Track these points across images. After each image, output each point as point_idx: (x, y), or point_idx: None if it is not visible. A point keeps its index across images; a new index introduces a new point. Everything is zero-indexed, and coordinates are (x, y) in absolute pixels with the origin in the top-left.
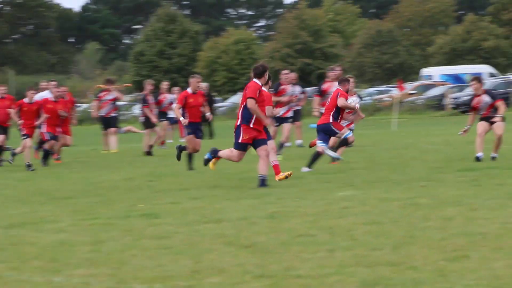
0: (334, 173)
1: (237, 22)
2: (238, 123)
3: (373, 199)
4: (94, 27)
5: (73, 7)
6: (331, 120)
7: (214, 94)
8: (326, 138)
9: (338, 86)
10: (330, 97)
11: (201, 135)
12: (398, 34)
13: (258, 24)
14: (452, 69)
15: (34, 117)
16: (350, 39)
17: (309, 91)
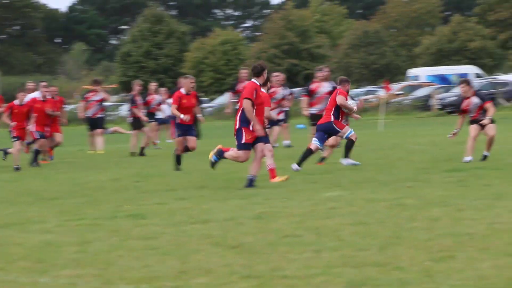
0: (321, 173)
1: (224, 22)
2: (238, 127)
3: (359, 200)
4: (81, 28)
5: (59, 8)
6: (332, 119)
7: (200, 95)
8: (324, 137)
9: (338, 86)
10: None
11: (195, 133)
12: (385, 34)
13: (245, 24)
14: (438, 69)
15: (25, 119)
16: (337, 40)
17: (296, 92)
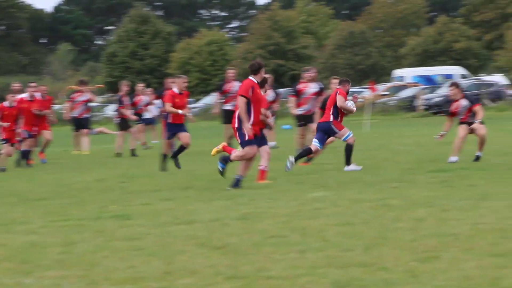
0: (307, 174)
1: (210, 23)
2: (237, 126)
3: (345, 200)
4: (66, 28)
5: (45, 8)
6: (332, 119)
7: None
8: (324, 138)
9: (338, 86)
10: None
11: (186, 129)
12: (371, 35)
13: (231, 25)
14: (424, 70)
15: (15, 120)
16: (323, 40)
17: (282, 93)
